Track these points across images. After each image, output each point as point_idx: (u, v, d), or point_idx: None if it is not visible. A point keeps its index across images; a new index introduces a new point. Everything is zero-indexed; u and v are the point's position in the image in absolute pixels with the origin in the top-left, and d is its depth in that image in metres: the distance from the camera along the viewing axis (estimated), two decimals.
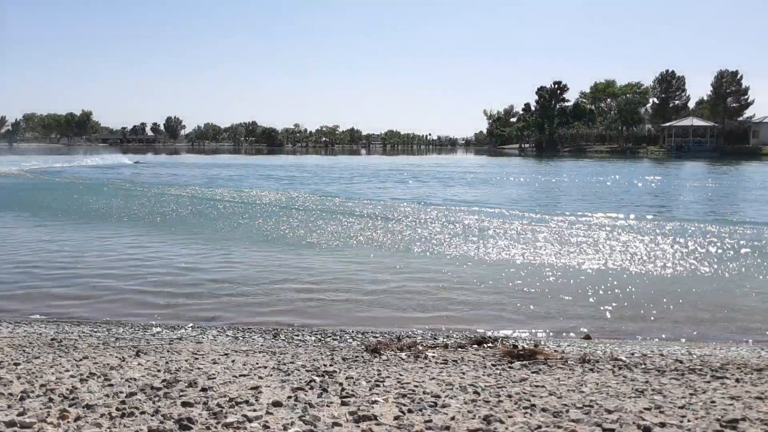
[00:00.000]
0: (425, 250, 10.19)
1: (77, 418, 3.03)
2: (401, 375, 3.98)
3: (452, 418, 3.08)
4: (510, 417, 3.10)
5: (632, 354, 4.95)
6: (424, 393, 3.51)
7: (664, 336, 5.94)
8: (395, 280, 8.05)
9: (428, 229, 12.75)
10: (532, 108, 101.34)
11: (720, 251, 10.15)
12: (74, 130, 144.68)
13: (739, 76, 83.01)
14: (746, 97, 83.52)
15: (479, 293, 7.41)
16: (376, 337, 5.59)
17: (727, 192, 23.49)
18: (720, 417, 3.09)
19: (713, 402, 3.37)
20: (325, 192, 22.16)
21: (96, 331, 5.73)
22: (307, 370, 4.06)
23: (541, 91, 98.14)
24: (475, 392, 3.55)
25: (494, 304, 6.96)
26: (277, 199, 19.54)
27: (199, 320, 6.38)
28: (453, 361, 4.51)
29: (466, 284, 7.84)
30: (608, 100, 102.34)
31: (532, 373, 4.11)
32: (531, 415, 3.14)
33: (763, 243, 10.97)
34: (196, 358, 4.48)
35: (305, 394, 3.47)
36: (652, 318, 6.50)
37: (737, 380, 3.91)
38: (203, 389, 3.54)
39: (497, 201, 19.11)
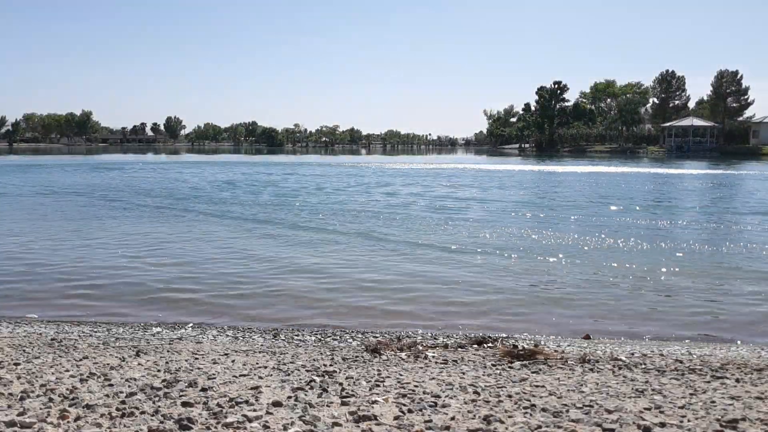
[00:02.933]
0: (426, 251, 10.19)
1: (77, 418, 3.03)
2: (401, 375, 3.98)
3: (452, 418, 3.07)
4: (510, 417, 3.10)
5: (632, 354, 4.94)
6: (424, 393, 3.51)
7: (664, 336, 5.94)
8: (396, 281, 8.05)
9: (428, 229, 12.75)
10: (532, 108, 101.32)
11: (721, 251, 10.15)
12: (74, 130, 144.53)
13: (739, 76, 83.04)
14: (746, 97, 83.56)
15: (479, 293, 7.41)
16: (376, 337, 5.59)
17: (726, 192, 23.49)
18: (720, 417, 3.08)
19: (713, 402, 3.37)
20: (331, 191, 22.17)
21: (96, 331, 5.73)
22: (307, 370, 4.06)
23: (541, 91, 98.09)
24: (475, 392, 3.54)
25: (494, 305, 6.96)
26: (280, 199, 19.54)
27: (199, 320, 6.38)
28: (453, 361, 4.51)
29: (466, 285, 7.83)
30: (608, 100, 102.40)
31: (532, 373, 4.11)
32: (531, 415, 3.14)
33: (765, 243, 10.97)
34: (196, 358, 4.47)
35: (305, 394, 3.47)
36: (652, 318, 6.50)
37: (737, 380, 3.91)
38: (203, 389, 3.54)
39: (496, 202, 19.11)
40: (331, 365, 4.26)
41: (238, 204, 17.87)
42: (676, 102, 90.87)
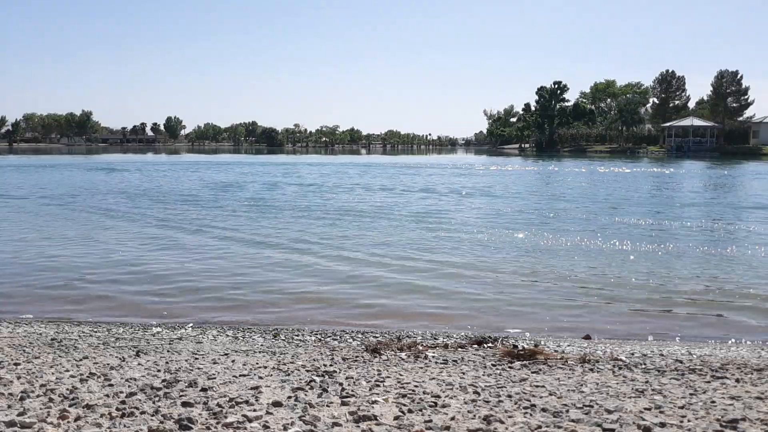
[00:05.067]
0: (426, 251, 10.18)
1: (77, 418, 3.03)
2: (401, 375, 3.98)
3: (452, 418, 3.07)
4: (510, 417, 3.10)
5: (632, 354, 4.94)
6: (424, 393, 3.51)
7: (664, 336, 5.94)
8: (396, 281, 8.05)
9: (429, 229, 12.75)
10: (532, 108, 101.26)
11: (722, 250, 10.15)
12: (74, 130, 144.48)
13: (739, 76, 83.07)
14: (746, 97, 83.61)
15: (480, 294, 7.41)
16: (376, 337, 5.59)
17: (727, 192, 23.48)
18: (720, 417, 3.08)
19: (713, 402, 3.36)
20: (337, 190, 22.18)
21: (96, 331, 5.73)
22: (307, 370, 4.06)
23: (541, 91, 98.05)
24: (475, 392, 3.54)
25: (494, 305, 6.96)
26: (283, 199, 19.55)
27: (199, 320, 6.38)
28: (453, 361, 4.51)
29: (465, 284, 7.83)
30: (608, 100, 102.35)
31: (532, 373, 4.11)
32: (531, 415, 3.14)
33: (765, 242, 10.97)
34: (196, 358, 4.47)
35: (305, 394, 3.47)
36: (652, 318, 6.50)
37: (737, 380, 3.90)
38: (203, 389, 3.54)
39: (494, 201, 19.10)
40: (331, 365, 4.26)
41: (240, 205, 17.88)
42: (676, 102, 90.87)
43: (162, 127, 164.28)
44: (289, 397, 3.39)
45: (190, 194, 21.03)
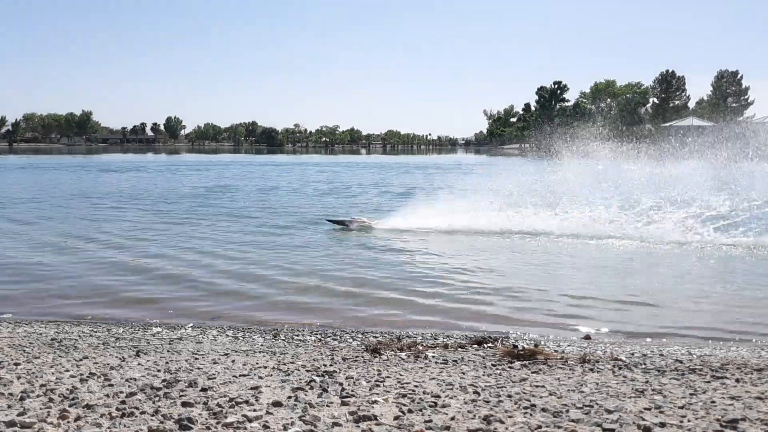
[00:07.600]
0: (426, 251, 10.18)
1: (77, 418, 3.03)
2: (401, 375, 3.98)
3: (452, 418, 3.07)
4: (510, 417, 3.10)
5: (632, 354, 4.94)
6: (424, 393, 3.50)
7: (664, 336, 5.94)
8: (396, 281, 8.04)
9: (430, 229, 12.74)
10: (532, 108, 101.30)
11: (721, 251, 10.14)
12: (74, 130, 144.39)
13: (739, 76, 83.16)
14: (746, 97, 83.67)
15: (480, 294, 7.41)
16: (376, 337, 5.59)
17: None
18: (720, 417, 3.08)
19: (713, 402, 3.36)
20: (339, 190, 22.18)
21: (96, 331, 5.73)
22: (307, 370, 4.06)
23: (541, 91, 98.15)
24: (475, 392, 3.54)
25: (494, 305, 6.96)
26: (284, 200, 19.55)
27: (199, 320, 6.37)
28: (453, 361, 4.51)
29: (466, 285, 7.83)
30: (608, 100, 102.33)
31: (532, 373, 4.11)
32: (531, 415, 3.14)
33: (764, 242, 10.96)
34: (196, 358, 4.47)
35: (305, 394, 3.46)
36: (652, 318, 6.49)
37: (737, 380, 3.90)
38: (203, 389, 3.54)
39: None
40: (331, 365, 4.26)
41: (249, 206, 17.89)
42: (676, 102, 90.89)
43: (162, 127, 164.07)
44: (289, 397, 3.39)
45: (187, 195, 21.04)
